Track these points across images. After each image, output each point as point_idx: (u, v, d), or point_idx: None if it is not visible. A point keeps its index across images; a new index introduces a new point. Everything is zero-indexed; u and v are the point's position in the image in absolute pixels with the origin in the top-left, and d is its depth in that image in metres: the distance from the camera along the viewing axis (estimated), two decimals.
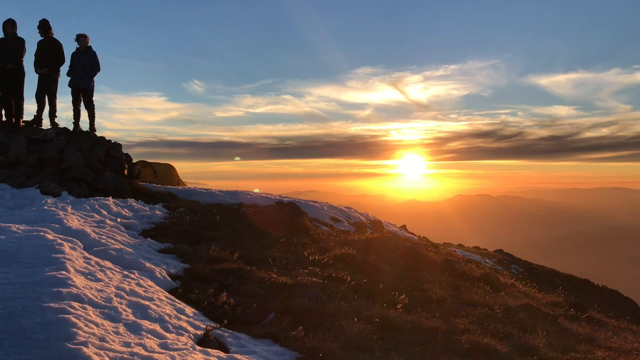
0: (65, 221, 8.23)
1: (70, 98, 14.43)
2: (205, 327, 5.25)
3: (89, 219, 9.36)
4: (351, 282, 8.14)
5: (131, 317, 4.83)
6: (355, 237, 13.06)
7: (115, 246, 7.63)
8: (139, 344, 4.23)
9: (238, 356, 4.77)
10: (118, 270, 6.49)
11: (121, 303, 5.08)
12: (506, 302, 9.76)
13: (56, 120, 14.55)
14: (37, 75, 14.14)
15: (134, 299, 5.38)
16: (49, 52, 13.99)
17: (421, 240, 19.31)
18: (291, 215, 12.64)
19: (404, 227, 24.34)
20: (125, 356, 3.84)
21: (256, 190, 18.82)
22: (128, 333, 4.45)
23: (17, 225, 7.08)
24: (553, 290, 14.88)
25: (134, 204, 11.62)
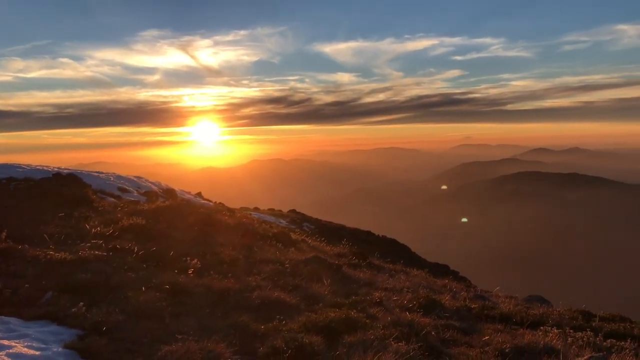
0: None
1: None
2: None
3: None
4: (139, 252, 7.84)
5: None
6: (146, 206, 12.57)
7: None
8: None
9: (5, 342, 4.29)
10: None
11: None
12: (296, 256, 10.29)
13: None
14: None
15: None
16: None
17: (217, 206, 19.31)
18: (71, 188, 11.67)
19: (199, 194, 24.10)
20: None
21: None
22: None
23: None
24: (339, 243, 16.11)
25: None
